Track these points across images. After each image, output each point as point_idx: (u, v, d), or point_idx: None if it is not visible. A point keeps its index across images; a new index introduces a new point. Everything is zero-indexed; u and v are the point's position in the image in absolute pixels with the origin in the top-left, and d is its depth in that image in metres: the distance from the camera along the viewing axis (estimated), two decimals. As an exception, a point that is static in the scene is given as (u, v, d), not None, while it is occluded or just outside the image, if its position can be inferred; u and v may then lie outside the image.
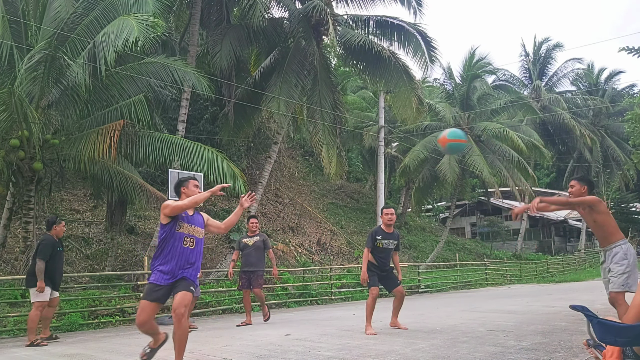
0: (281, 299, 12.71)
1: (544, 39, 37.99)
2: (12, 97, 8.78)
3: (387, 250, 6.93)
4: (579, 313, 2.56)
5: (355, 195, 31.04)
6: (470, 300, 12.95)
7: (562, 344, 5.19)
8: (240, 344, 6.00)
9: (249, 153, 21.91)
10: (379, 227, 7.12)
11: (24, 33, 10.90)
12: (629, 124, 16.35)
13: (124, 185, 10.74)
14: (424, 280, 17.60)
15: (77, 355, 5.91)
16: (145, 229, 16.53)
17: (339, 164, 17.01)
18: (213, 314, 10.96)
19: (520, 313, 8.45)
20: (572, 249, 38.40)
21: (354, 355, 4.95)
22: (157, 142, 10.95)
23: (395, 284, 7.04)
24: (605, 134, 34.49)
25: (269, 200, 22.20)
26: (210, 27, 16.34)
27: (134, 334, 7.81)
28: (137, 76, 11.07)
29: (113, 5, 10.45)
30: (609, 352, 2.40)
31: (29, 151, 9.84)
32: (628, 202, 41.22)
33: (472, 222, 40.28)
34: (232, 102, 16.45)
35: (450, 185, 25.68)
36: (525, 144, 24.57)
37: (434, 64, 17.42)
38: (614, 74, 36.06)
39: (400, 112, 18.81)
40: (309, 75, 16.52)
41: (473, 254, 29.08)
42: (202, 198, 4.47)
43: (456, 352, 4.96)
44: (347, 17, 17.68)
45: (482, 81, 27.74)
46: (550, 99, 31.52)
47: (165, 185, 11.42)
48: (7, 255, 12.24)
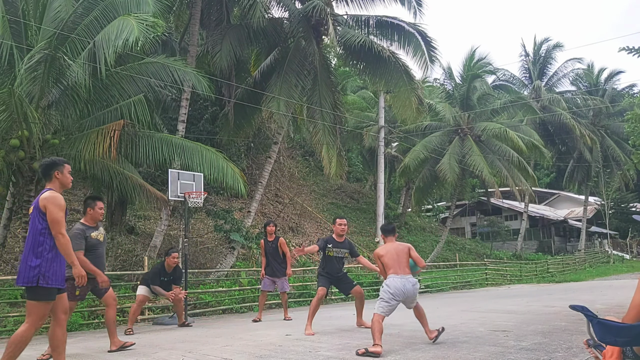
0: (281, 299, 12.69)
1: (544, 39, 38.02)
2: (12, 97, 8.78)
3: (338, 258, 7.21)
4: (579, 313, 2.55)
5: (355, 195, 31.03)
6: (470, 300, 12.94)
7: (562, 344, 5.19)
8: (240, 344, 6.00)
9: (249, 153, 21.91)
10: (330, 236, 7.32)
11: (24, 33, 10.89)
12: (629, 124, 16.32)
13: (124, 185, 10.73)
14: (423, 280, 17.60)
15: (77, 355, 5.91)
16: (145, 229, 16.52)
17: (339, 164, 17.01)
18: (213, 314, 10.96)
19: (520, 313, 8.45)
20: (572, 249, 38.40)
21: (354, 355, 4.95)
22: (157, 142, 10.95)
23: (350, 286, 7.31)
24: (605, 134, 34.48)
25: (269, 200, 22.21)
26: (210, 27, 16.35)
27: (134, 334, 7.82)
28: (137, 76, 11.07)
29: (113, 5, 10.44)
30: (609, 352, 2.40)
31: (29, 151, 9.84)
32: (628, 202, 41.26)
33: (472, 222, 40.29)
34: (232, 102, 16.46)
35: (450, 185, 25.69)
36: (525, 144, 24.57)
37: (434, 64, 17.46)
38: (614, 74, 36.05)
39: (400, 112, 18.82)
40: (309, 75, 16.52)
41: (473, 254, 29.08)
42: (70, 259, 4.02)
43: (456, 352, 4.96)
44: (347, 17, 17.69)
45: (482, 81, 27.75)
46: (550, 99, 31.50)
47: (165, 185, 11.39)
48: (7, 255, 12.23)
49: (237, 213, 16.89)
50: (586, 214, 36.30)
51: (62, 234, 3.90)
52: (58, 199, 3.94)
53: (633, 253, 39.71)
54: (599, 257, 33.88)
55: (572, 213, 42.00)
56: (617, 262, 33.68)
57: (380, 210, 19.43)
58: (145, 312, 10.08)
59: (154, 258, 12.79)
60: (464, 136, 24.68)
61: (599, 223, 40.34)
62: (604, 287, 15.37)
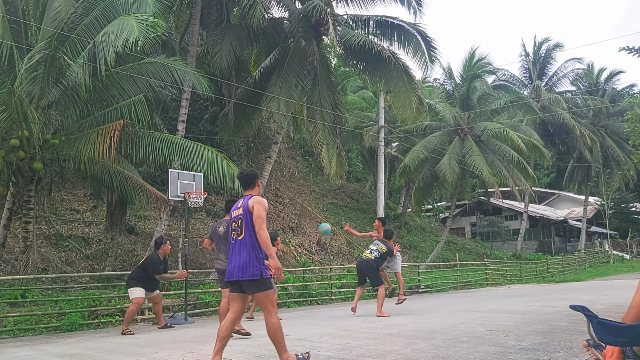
0: (281, 299, 12.69)
1: (544, 39, 37.97)
2: (12, 97, 8.79)
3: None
4: (579, 313, 2.55)
5: (355, 195, 31.03)
6: (470, 300, 12.94)
7: (562, 344, 5.19)
8: (240, 344, 6.00)
9: (249, 153, 21.91)
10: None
11: (24, 33, 10.90)
12: (629, 124, 16.33)
13: (124, 185, 10.73)
14: (424, 280, 17.60)
15: (77, 355, 5.91)
16: (145, 229, 16.52)
17: (339, 164, 17.01)
18: (213, 314, 10.96)
19: (520, 313, 8.45)
20: (572, 249, 38.40)
21: (354, 355, 4.95)
22: (157, 142, 10.95)
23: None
24: (605, 134, 34.48)
25: (269, 200, 22.19)
26: (210, 27, 16.33)
27: (134, 334, 7.82)
28: (137, 76, 11.07)
29: (113, 5, 10.44)
30: (609, 352, 2.40)
31: (29, 151, 9.84)
32: (628, 202, 41.25)
33: (472, 222, 40.28)
34: (232, 102, 16.45)
35: (450, 185, 25.67)
36: (525, 144, 24.57)
37: (434, 64, 17.44)
38: (614, 74, 36.03)
39: (400, 112, 18.81)
40: (309, 75, 16.51)
41: (473, 254, 29.07)
42: (269, 251, 4.51)
43: (456, 352, 4.96)
44: (347, 17, 17.68)
45: (482, 81, 27.74)
46: (550, 99, 31.49)
47: (165, 185, 11.39)
48: (7, 255, 12.23)
49: (237, 213, 16.85)
50: (586, 214, 36.30)
51: (263, 229, 4.36)
52: (264, 202, 4.53)
53: (633, 253, 39.70)
54: (599, 257, 33.89)
55: (572, 213, 41.99)
56: (617, 262, 33.67)
57: (380, 210, 19.43)
58: (145, 312, 10.08)
59: (154, 258, 12.77)
60: (464, 136, 24.68)
61: (599, 223, 40.34)
62: (604, 287, 15.36)
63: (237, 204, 4.65)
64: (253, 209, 4.41)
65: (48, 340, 7.58)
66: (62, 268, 12.96)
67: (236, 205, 4.64)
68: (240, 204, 4.58)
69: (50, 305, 9.37)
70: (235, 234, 4.50)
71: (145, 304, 10.07)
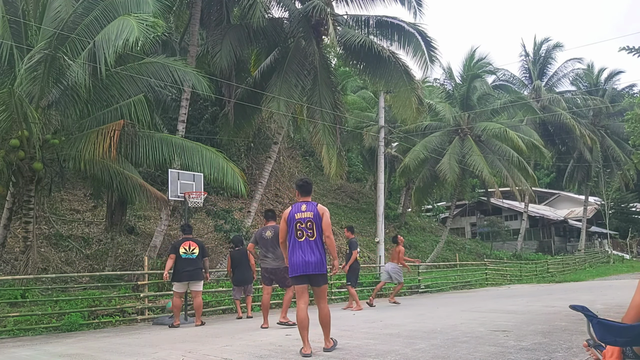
0: (281, 299, 12.67)
1: (544, 39, 37.95)
2: (12, 97, 8.78)
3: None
4: (579, 313, 2.55)
5: (355, 195, 31.03)
6: (470, 300, 12.94)
7: (562, 344, 5.19)
8: (240, 344, 6.00)
9: (249, 153, 21.91)
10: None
11: (24, 33, 10.90)
12: (629, 124, 16.32)
13: (124, 185, 10.73)
14: (424, 280, 17.59)
15: (77, 355, 5.91)
16: (145, 229, 16.52)
17: (339, 164, 17.01)
18: (213, 314, 10.96)
19: (520, 313, 8.44)
20: (572, 249, 38.39)
21: (354, 355, 4.95)
22: (157, 142, 10.95)
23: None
24: (605, 134, 34.47)
25: (269, 200, 22.18)
26: (210, 27, 16.34)
27: (134, 334, 7.82)
28: (137, 76, 11.07)
29: (113, 5, 10.44)
30: (609, 352, 2.39)
31: (29, 151, 9.84)
32: (628, 202, 41.21)
33: (472, 222, 40.27)
34: (232, 102, 16.44)
35: (450, 185, 25.68)
36: (525, 144, 24.57)
37: (434, 64, 17.46)
38: (614, 74, 36.03)
39: (400, 112, 18.81)
40: (309, 75, 16.51)
41: (473, 254, 29.07)
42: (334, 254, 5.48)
43: (456, 352, 4.96)
44: (347, 17, 17.68)
45: (482, 81, 27.73)
46: (550, 99, 31.49)
47: (165, 185, 11.39)
48: (7, 255, 12.23)
49: (237, 213, 16.89)
50: (586, 214, 36.29)
51: (332, 235, 5.32)
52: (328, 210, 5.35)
53: (633, 253, 39.67)
54: (599, 257, 33.86)
55: (572, 213, 41.97)
56: (617, 262, 33.65)
57: (380, 210, 19.41)
58: (145, 312, 10.08)
59: (154, 258, 12.79)
60: (464, 136, 24.68)
61: (599, 223, 40.33)
62: (604, 287, 15.36)
63: (298, 207, 5.27)
64: (323, 215, 5.21)
65: (48, 340, 7.58)
66: (62, 268, 12.97)
67: (298, 208, 5.25)
68: (304, 207, 5.24)
69: (50, 305, 9.37)
70: (304, 234, 5.16)
71: (145, 304, 10.09)
